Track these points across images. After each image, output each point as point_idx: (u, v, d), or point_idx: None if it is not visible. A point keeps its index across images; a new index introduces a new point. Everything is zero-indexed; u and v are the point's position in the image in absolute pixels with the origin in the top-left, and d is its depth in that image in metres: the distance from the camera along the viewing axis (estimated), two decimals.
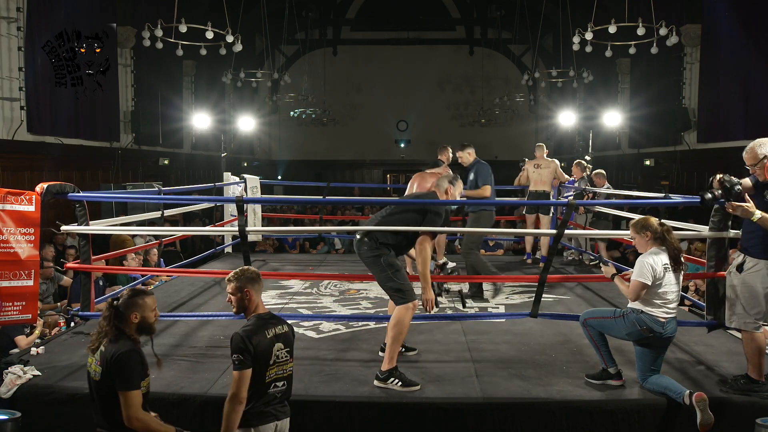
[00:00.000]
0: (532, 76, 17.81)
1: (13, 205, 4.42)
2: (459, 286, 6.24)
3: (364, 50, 24.56)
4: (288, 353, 3.20)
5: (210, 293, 6.70)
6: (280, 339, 3.17)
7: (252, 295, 3.22)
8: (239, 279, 3.22)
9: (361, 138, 24.14)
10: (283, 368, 3.18)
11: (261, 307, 3.26)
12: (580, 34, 11.06)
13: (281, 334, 3.19)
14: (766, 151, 3.90)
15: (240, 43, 11.56)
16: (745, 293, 3.96)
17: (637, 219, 4.15)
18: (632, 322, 3.93)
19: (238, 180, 9.14)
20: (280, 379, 3.17)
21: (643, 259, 3.92)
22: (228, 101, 20.19)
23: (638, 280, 3.88)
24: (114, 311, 3.10)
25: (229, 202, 8.72)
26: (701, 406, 3.61)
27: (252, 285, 3.23)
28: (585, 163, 9.06)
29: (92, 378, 3.09)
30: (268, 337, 3.13)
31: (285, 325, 3.26)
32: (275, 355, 3.14)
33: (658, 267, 3.88)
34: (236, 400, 3.02)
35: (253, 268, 3.36)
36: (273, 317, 3.27)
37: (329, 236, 11.33)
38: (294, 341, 3.29)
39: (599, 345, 4.11)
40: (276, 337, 3.16)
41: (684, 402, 3.70)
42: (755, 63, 11.22)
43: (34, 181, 5.06)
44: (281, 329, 3.20)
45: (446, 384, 4.10)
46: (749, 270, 3.95)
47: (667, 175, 14.94)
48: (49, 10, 10.68)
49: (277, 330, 3.18)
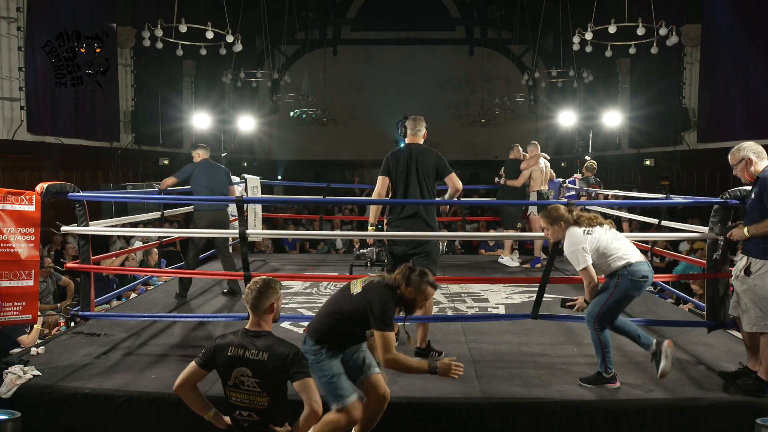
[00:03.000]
0: (532, 76, 17.81)
1: (13, 205, 4.42)
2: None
3: (364, 50, 24.55)
4: (258, 384, 2.94)
5: (210, 293, 6.69)
6: (245, 364, 2.95)
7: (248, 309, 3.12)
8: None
9: (361, 138, 24.13)
10: (248, 398, 2.97)
11: (255, 323, 3.08)
12: (580, 34, 11.06)
13: (254, 360, 2.94)
14: (744, 154, 4.05)
15: (240, 43, 11.56)
16: (760, 296, 3.95)
17: (547, 209, 4.21)
18: (628, 279, 3.98)
19: (239, 180, 9.13)
20: (245, 408, 2.99)
21: (570, 249, 4.03)
22: (228, 101, 20.18)
23: (582, 269, 3.99)
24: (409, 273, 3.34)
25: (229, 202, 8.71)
26: (668, 353, 3.83)
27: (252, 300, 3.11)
28: (595, 165, 9.18)
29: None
30: (226, 355, 3.00)
31: (273, 355, 2.94)
32: (235, 378, 2.97)
33: (583, 242, 3.99)
34: (175, 384, 3.12)
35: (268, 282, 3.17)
36: (260, 339, 3.00)
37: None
38: (281, 381, 2.97)
39: (605, 347, 4.07)
40: (240, 360, 2.96)
41: (652, 349, 3.91)
42: (755, 63, 11.21)
43: (34, 181, 5.05)
44: (258, 356, 2.94)
45: (446, 384, 4.10)
46: (758, 272, 3.95)
47: (667, 175, 14.94)
48: (49, 10, 10.68)
49: (249, 355, 2.95)
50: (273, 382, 2.95)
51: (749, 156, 4.03)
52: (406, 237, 4.61)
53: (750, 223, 4.03)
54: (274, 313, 3.11)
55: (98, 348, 4.74)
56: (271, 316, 3.10)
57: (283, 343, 3.02)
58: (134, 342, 4.93)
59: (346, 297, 3.37)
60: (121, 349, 4.74)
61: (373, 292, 3.29)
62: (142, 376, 4.17)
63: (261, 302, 3.05)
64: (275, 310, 3.11)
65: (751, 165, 4.03)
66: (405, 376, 4.21)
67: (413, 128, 4.77)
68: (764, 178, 3.94)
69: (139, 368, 4.32)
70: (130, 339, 4.99)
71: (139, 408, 3.84)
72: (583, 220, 4.11)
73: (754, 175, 4.02)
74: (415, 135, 4.77)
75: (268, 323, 3.09)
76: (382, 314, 3.22)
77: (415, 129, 4.76)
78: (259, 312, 3.06)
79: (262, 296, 3.06)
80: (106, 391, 3.94)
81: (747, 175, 4.07)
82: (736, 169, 4.12)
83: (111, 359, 4.51)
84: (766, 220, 3.89)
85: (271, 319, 3.11)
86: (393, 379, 4.16)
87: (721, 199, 4.55)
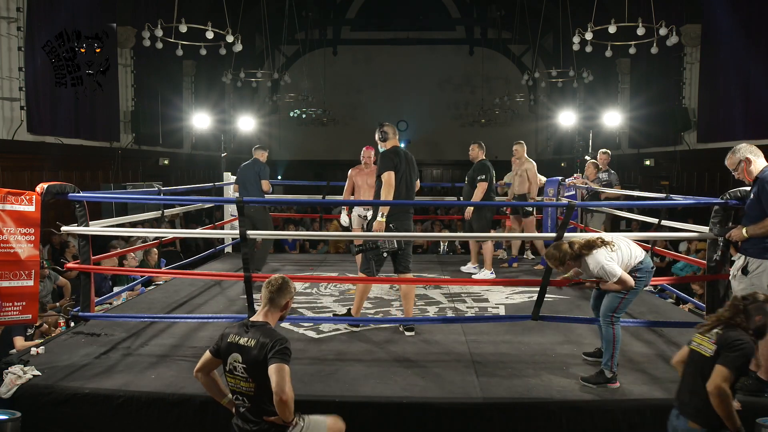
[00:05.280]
0: (532, 76, 17.82)
1: (13, 205, 4.42)
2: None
3: (364, 50, 24.55)
4: (245, 371, 3.02)
5: (210, 293, 6.69)
6: (239, 350, 3.04)
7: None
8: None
9: (361, 138, 23.94)
10: (238, 383, 3.06)
11: (263, 313, 3.18)
12: (580, 34, 11.06)
13: (244, 347, 3.03)
14: (741, 155, 4.08)
15: (240, 43, 11.57)
16: None
17: (550, 253, 4.14)
18: (645, 273, 4.08)
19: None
20: (238, 393, 3.08)
21: (600, 263, 3.97)
22: (228, 101, 20.19)
23: (616, 280, 3.96)
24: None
25: (229, 203, 8.73)
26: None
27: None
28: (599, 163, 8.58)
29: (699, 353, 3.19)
30: (227, 341, 3.11)
31: (258, 342, 3.01)
32: (230, 363, 3.07)
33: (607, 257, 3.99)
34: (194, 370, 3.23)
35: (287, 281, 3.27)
36: (255, 328, 3.09)
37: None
38: (261, 366, 2.98)
39: (616, 342, 4.07)
40: (235, 346, 3.06)
41: (610, 375, 4.02)
42: (755, 63, 11.22)
43: (34, 181, 5.06)
44: (247, 342, 3.04)
45: (446, 384, 4.10)
46: (755, 272, 3.96)
47: (667, 175, 14.95)
48: (49, 10, 10.69)
49: (242, 341, 3.05)
50: (257, 368, 3.00)
51: (747, 156, 4.06)
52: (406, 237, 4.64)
53: (748, 224, 4.04)
54: (286, 311, 3.23)
55: (98, 348, 4.73)
56: (280, 313, 3.20)
57: (272, 333, 3.07)
58: (134, 342, 4.92)
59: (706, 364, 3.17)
60: (121, 349, 4.73)
61: (732, 348, 3.09)
62: (142, 376, 4.17)
63: (279, 299, 3.17)
64: (287, 309, 3.24)
65: (750, 165, 4.05)
66: (404, 375, 4.22)
67: (394, 133, 5.31)
68: (762, 178, 3.95)
69: (139, 368, 4.32)
70: (130, 339, 4.99)
71: (139, 408, 3.84)
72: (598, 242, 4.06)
73: (753, 174, 4.04)
74: (395, 139, 5.30)
75: (272, 319, 3.18)
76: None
77: (395, 134, 5.32)
78: (274, 307, 3.17)
79: (281, 292, 3.18)
80: (106, 391, 3.93)
81: (747, 175, 4.09)
82: (737, 171, 4.14)
83: (111, 359, 4.51)
84: (765, 220, 3.90)
85: (278, 317, 3.21)
86: (393, 378, 4.17)
87: (721, 200, 4.57)
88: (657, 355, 4.71)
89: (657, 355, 4.71)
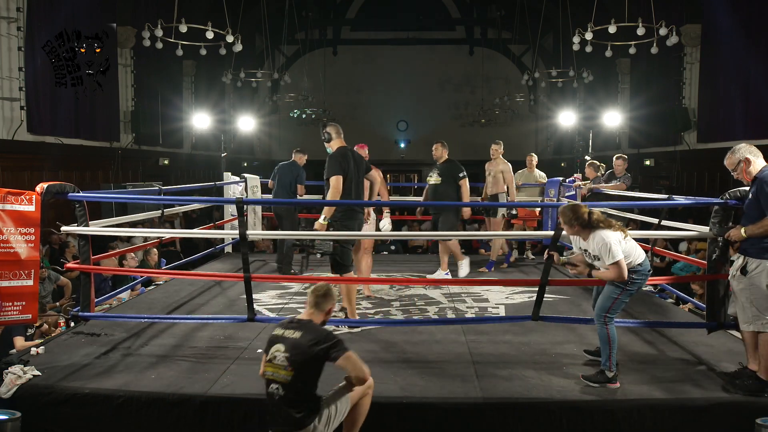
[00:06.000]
0: (532, 76, 17.81)
1: (13, 205, 4.42)
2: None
3: (364, 50, 24.55)
4: (287, 359, 3.22)
5: (210, 293, 6.69)
6: (282, 341, 3.27)
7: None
8: None
9: (361, 138, 24.02)
10: (277, 370, 3.24)
11: (308, 313, 3.44)
12: (580, 34, 11.06)
13: (289, 338, 3.27)
14: (741, 155, 4.08)
15: (240, 43, 11.57)
16: (756, 295, 3.95)
17: (566, 210, 4.11)
18: (641, 275, 4.10)
19: (239, 179, 9.14)
20: (274, 381, 3.26)
21: (604, 242, 3.97)
22: (228, 101, 20.19)
23: (614, 262, 3.95)
24: None
25: (229, 203, 8.72)
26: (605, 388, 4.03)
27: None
28: (598, 163, 8.65)
29: None
30: (273, 333, 3.36)
31: (304, 335, 3.26)
32: (272, 353, 3.28)
33: (618, 240, 4.00)
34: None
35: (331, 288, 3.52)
36: (301, 324, 3.35)
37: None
38: (304, 357, 3.21)
39: (612, 343, 4.08)
40: (280, 338, 3.30)
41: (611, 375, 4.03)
42: (755, 63, 11.22)
43: (34, 181, 5.05)
44: (292, 334, 3.28)
45: (446, 384, 4.10)
46: (754, 272, 3.95)
47: (667, 175, 14.94)
48: (49, 10, 10.68)
49: (287, 333, 3.30)
50: (301, 359, 3.20)
51: (746, 156, 4.05)
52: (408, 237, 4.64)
53: (747, 223, 4.04)
54: (328, 316, 3.49)
55: (98, 348, 4.73)
56: (323, 318, 3.45)
57: (318, 329, 3.34)
58: (134, 342, 4.92)
59: None
60: (121, 349, 4.73)
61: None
62: (142, 376, 4.17)
63: (324, 304, 3.44)
64: (329, 315, 3.49)
65: (749, 165, 4.05)
66: (404, 375, 4.22)
67: (337, 133, 5.32)
68: (761, 178, 3.95)
69: (139, 368, 4.32)
70: (130, 339, 4.99)
71: (139, 408, 3.84)
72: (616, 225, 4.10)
73: (752, 174, 4.04)
74: (341, 139, 5.32)
75: (317, 319, 3.42)
76: None
77: (338, 134, 5.32)
78: (319, 311, 3.43)
79: (326, 298, 3.45)
80: (106, 391, 3.93)
81: (746, 175, 4.09)
82: (736, 172, 4.14)
83: (111, 359, 4.51)
84: (763, 220, 3.90)
85: (321, 321, 3.44)
86: (393, 378, 4.17)
87: (721, 200, 4.56)
88: (657, 355, 4.71)
89: (657, 355, 4.71)
